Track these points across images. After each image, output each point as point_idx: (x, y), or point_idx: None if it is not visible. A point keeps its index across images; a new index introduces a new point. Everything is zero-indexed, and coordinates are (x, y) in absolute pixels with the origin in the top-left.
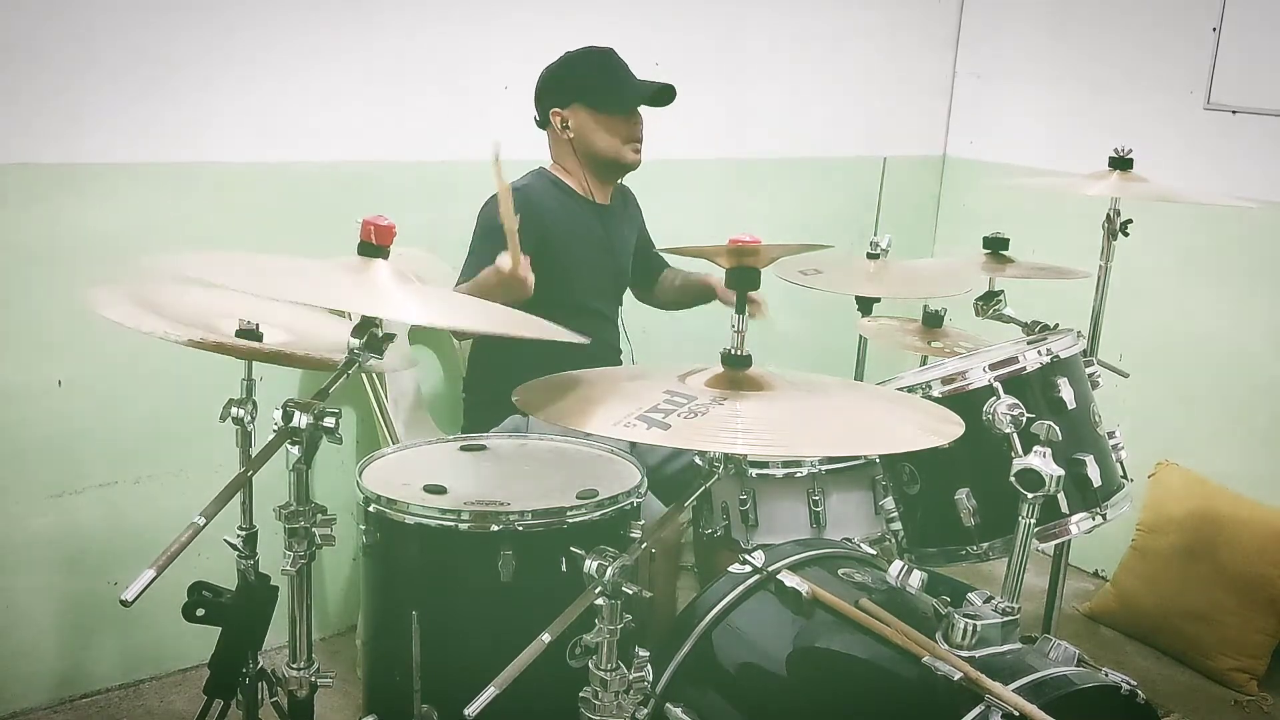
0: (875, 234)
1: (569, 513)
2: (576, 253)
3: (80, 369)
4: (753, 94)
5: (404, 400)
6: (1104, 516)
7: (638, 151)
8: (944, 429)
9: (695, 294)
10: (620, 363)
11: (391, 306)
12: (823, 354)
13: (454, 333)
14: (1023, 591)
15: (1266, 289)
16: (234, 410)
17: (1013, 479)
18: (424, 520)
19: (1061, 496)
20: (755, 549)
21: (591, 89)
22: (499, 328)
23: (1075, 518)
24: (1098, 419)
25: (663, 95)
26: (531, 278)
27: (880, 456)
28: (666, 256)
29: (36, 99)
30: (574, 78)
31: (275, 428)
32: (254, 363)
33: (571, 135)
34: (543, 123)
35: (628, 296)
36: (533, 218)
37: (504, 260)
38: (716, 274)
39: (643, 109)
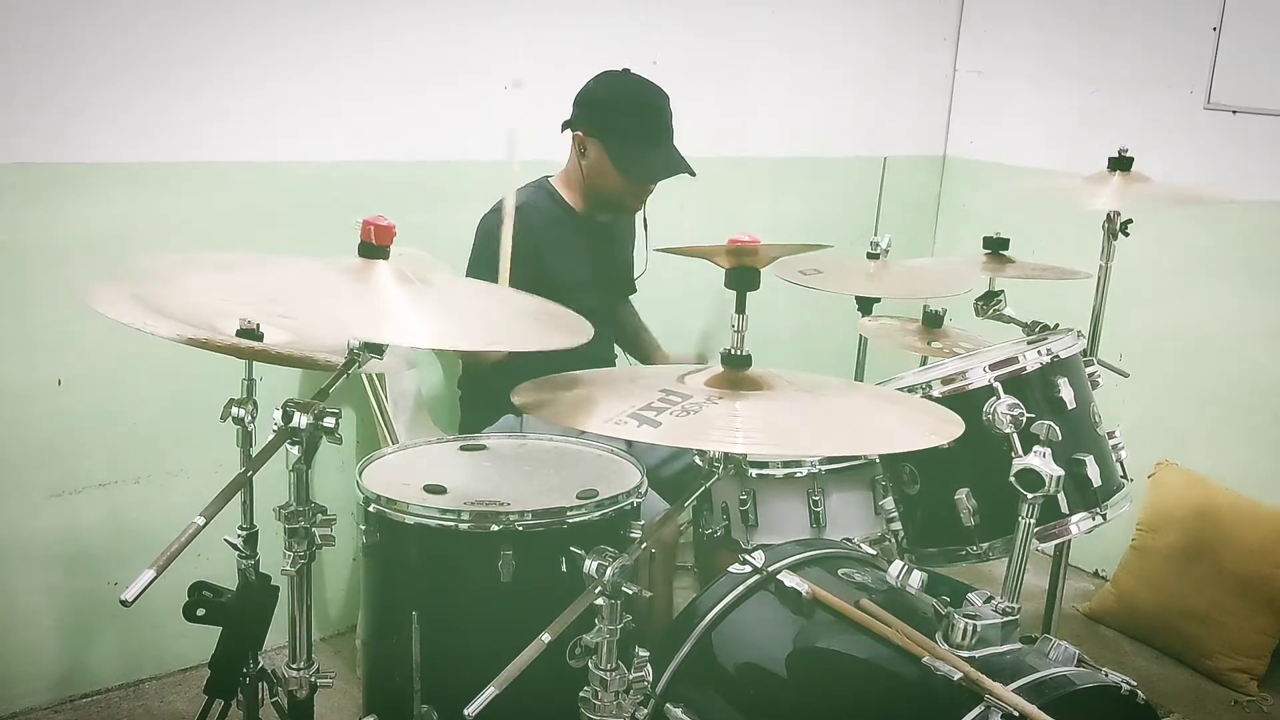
0: (875, 234)
1: (569, 513)
2: (568, 269)
3: (80, 368)
4: (752, 93)
5: (404, 400)
6: (1104, 516)
7: (641, 203)
8: (944, 429)
9: (638, 353)
10: None
11: (397, 331)
12: (823, 354)
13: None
14: (1023, 591)
15: (1266, 289)
16: (234, 410)
17: (1013, 479)
18: (424, 520)
19: (1061, 496)
20: (755, 549)
21: (618, 139)
22: (504, 345)
23: (1075, 518)
24: (1098, 419)
25: (673, 173)
26: None
27: (880, 456)
28: (666, 257)
29: (34, 98)
30: (610, 115)
31: (275, 428)
32: (254, 363)
33: (585, 163)
34: (569, 126)
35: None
36: (527, 235)
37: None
38: (670, 350)
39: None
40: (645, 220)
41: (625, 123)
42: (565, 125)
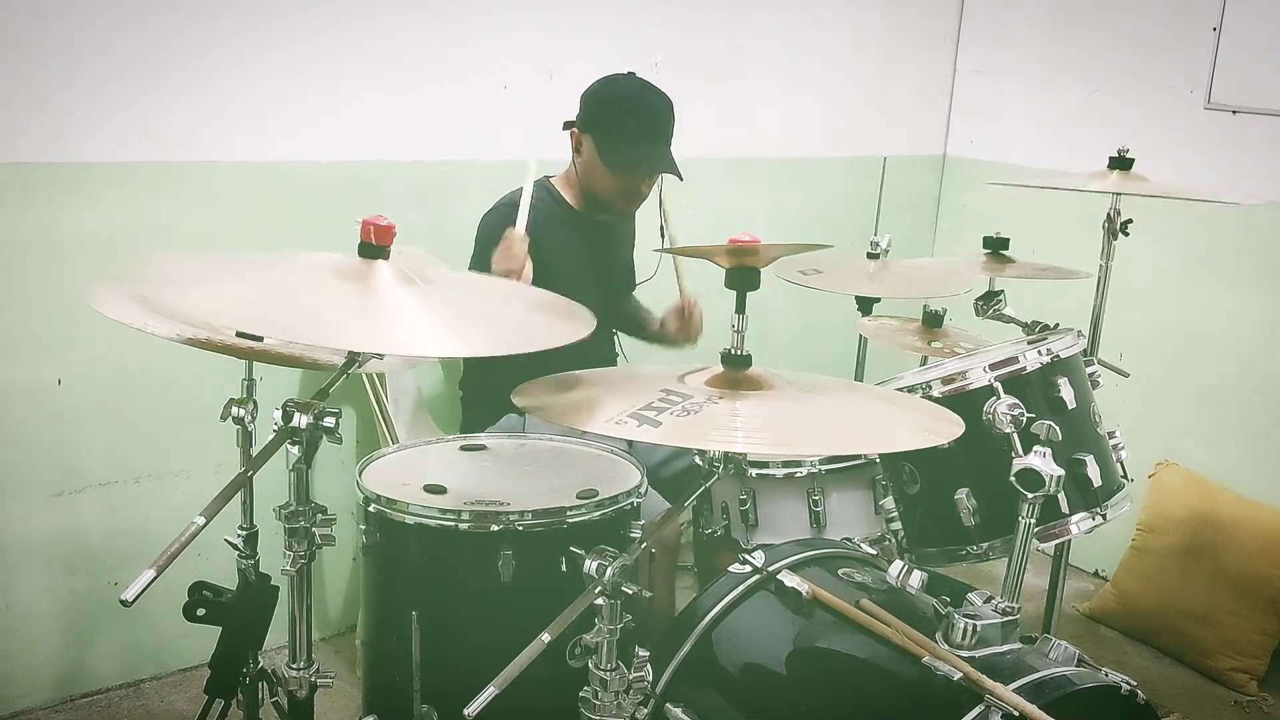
0: (875, 234)
1: (569, 513)
2: (566, 267)
3: (80, 369)
4: (753, 93)
5: (404, 400)
6: (1104, 516)
7: (631, 204)
8: (944, 429)
9: (646, 333)
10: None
11: (399, 342)
12: (823, 354)
13: None
14: (1023, 591)
15: (1266, 289)
16: (234, 410)
17: (1013, 479)
18: (424, 520)
19: (1061, 496)
20: (755, 549)
21: (604, 133)
22: (507, 348)
23: (1075, 518)
24: (1098, 419)
25: (657, 170)
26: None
27: (880, 456)
28: (666, 256)
29: (33, 97)
30: (598, 109)
31: (275, 428)
32: (254, 363)
33: (579, 159)
34: (569, 125)
35: None
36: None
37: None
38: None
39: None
40: (663, 228)
41: (616, 118)
42: (566, 125)
